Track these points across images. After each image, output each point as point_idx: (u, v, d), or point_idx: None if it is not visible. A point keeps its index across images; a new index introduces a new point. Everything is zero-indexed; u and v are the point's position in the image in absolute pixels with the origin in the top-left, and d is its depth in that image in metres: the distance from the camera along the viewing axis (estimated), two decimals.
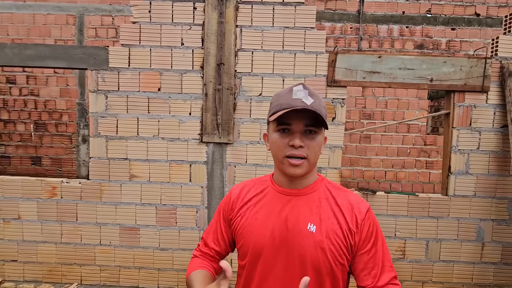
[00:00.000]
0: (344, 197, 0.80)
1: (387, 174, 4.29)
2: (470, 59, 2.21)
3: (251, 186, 0.86)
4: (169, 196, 2.31)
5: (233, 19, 2.20)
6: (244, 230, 0.81)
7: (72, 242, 2.35)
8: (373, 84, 2.25)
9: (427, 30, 4.27)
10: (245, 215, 0.82)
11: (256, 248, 0.78)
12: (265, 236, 0.78)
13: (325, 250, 0.75)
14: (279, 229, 0.77)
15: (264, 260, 0.78)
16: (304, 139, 0.75)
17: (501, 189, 2.27)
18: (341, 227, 0.76)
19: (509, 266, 2.32)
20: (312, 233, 0.75)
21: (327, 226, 0.76)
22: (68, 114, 4.34)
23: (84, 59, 2.24)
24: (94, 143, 2.30)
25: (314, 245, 0.75)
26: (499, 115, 2.25)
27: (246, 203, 0.83)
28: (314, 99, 0.75)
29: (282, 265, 0.76)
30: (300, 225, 0.76)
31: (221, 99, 2.23)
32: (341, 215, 0.78)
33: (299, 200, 0.79)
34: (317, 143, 0.77)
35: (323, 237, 0.75)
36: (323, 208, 0.78)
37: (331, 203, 0.79)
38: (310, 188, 0.81)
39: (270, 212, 0.79)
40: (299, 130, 0.75)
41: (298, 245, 0.75)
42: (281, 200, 0.80)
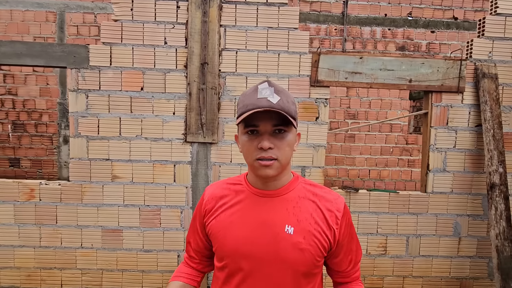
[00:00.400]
0: (321, 195, 0.79)
1: (371, 172, 4.39)
2: (447, 60, 2.30)
3: (224, 187, 0.83)
4: (153, 196, 2.29)
5: (217, 19, 2.20)
6: (219, 233, 0.79)
7: (51, 246, 2.28)
8: (355, 84, 2.30)
9: (408, 33, 4.40)
10: (219, 217, 0.79)
11: (233, 252, 0.76)
12: (241, 239, 0.76)
13: (303, 251, 0.73)
14: (256, 232, 0.75)
15: (240, 264, 0.76)
16: (273, 139, 0.72)
17: (476, 186, 2.37)
18: (320, 226, 0.76)
19: (484, 259, 2.43)
20: (290, 235, 0.73)
21: (305, 227, 0.75)
22: (48, 114, 4.20)
23: (63, 57, 2.18)
24: (75, 144, 2.24)
25: (292, 247, 0.73)
26: (474, 114, 2.35)
27: (219, 204, 0.81)
28: (280, 96, 0.72)
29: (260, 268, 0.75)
30: (277, 227, 0.74)
31: (205, 98, 2.22)
32: (319, 214, 0.76)
33: (275, 201, 0.77)
34: (287, 142, 0.74)
35: (301, 238, 0.74)
36: (300, 208, 0.76)
37: (308, 203, 0.77)
38: (285, 188, 0.78)
39: (246, 214, 0.77)
40: (267, 130, 0.72)
41: (276, 248, 0.74)
42: (257, 202, 0.77)
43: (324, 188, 0.82)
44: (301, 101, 2.29)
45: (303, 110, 2.30)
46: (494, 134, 2.22)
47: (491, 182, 2.20)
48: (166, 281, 2.34)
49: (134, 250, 2.31)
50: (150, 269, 2.32)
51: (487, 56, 2.32)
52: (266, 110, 0.70)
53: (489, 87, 2.26)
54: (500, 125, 2.24)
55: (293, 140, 0.76)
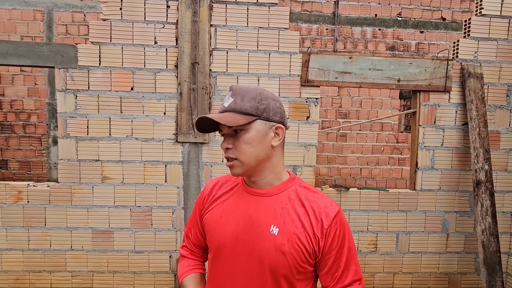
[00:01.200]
0: (313, 200, 0.76)
1: (363, 171, 4.44)
2: (434, 60, 2.34)
3: (224, 183, 0.86)
4: (144, 197, 2.27)
5: (207, 18, 2.20)
6: (210, 226, 0.82)
7: (40, 248, 2.25)
8: (344, 84, 2.33)
9: (398, 33, 4.47)
10: (213, 211, 0.83)
11: (219, 245, 0.79)
12: (227, 233, 0.78)
13: (285, 254, 0.72)
14: (241, 228, 0.76)
15: (225, 258, 0.77)
16: (232, 140, 0.75)
17: (463, 183, 2.43)
18: (306, 231, 0.73)
19: (471, 254, 2.48)
20: (274, 236, 0.73)
21: (290, 230, 0.73)
22: (37, 115, 4.12)
23: (51, 57, 2.15)
24: (63, 145, 2.21)
25: (274, 248, 0.72)
26: (460, 113, 2.40)
27: (215, 199, 0.84)
28: (234, 98, 0.75)
29: (241, 265, 0.75)
30: (262, 226, 0.75)
31: (196, 98, 2.22)
32: (306, 219, 0.74)
33: (265, 200, 0.77)
34: (243, 141, 0.74)
35: (285, 240, 0.72)
36: (288, 210, 0.75)
37: (298, 206, 0.75)
38: (277, 189, 0.78)
39: (235, 210, 0.79)
40: (228, 132, 0.76)
41: (258, 246, 0.74)
42: (247, 200, 0.78)
43: (317, 193, 0.79)
44: (292, 101, 2.30)
45: (294, 109, 2.31)
46: (479, 132, 2.27)
47: (477, 179, 2.25)
48: (158, 282, 2.33)
49: (125, 252, 2.29)
50: (142, 270, 2.31)
51: (472, 56, 2.37)
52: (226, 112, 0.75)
53: (474, 87, 2.32)
54: (486, 124, 2.29)
55: (255, 136, 0.74)
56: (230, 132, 0.75)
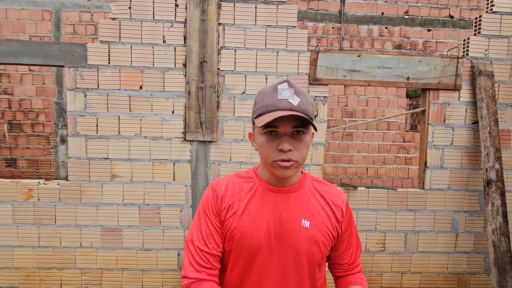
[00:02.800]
0: (327, 190, 0.84)
1: (369, 170, 4.42)
2: (444, 58, 2.32)
3: (236, 184, 0.82)
4: (153, 195, 2.28)
5: (216, 17, 2.20)
6: (238, 231, 0.77)
7: (50, 246, 2.27)
8: (353, 82, 2.31)
9: (405, 31, 4.43)
10: (237, 215, 0.78)
11: (252, 248, 0.77)
12: (260, 234, 0.77)
13: (318, 243, 0.78)
14: (274, 227, 0.77)
15: (261, 259, 0.77)
16: (292, 141, 0.72)
17: (473, 182, 2.40)
18: (330, 220, 0.81)
19: (481, 254, 2.46)
20: (307, 228, 0.77)
21: (319, 220, 0.79)
22: (45, 114, 4.17)
23: (60, 56, 2.17)
24: (73, 143, 2.23)
25: (309, 239, 0.77)
26: (471, 112, 2.37)
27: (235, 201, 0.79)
28: (300, 98, 0.72)
29: (278, 262, 0.77)
30: (294, 221, 0.77)
31: (204, 97, 2.22)
32: (328, 208, 0.81)
33: (290, 197, 0.79)
34: (305, 144, 0.74)
35: (317, 231, 0.78)
36: (312, 203, 0.80)
37: (318, 197, 0.82)
38: (298, 185, 0.81)
39: (263, 210, 0.78)
40: (287, 132, 0.72)
41: (294, 241, 0.77)
42: (273, 198, 0.79)
43: (328, 184, 0.87)
44: None
45: None
46: (490, 131, 2.25)
47: (487, 179, 2.23)
48: (166, 280, 2.34)
49: (134, 249, 2.30)
50: (150, 268, 2.32)
51: (483, 54, 2.34)
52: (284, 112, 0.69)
53: (485, 85, 2.29)
54: (496, 122, 2.26)
55: (310, 140, 0.76)
56: (290, 132, 0.72)
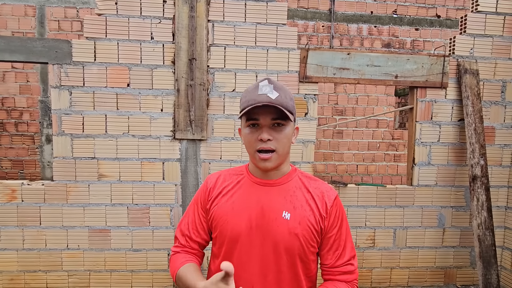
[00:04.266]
0: (315, 186, 0.86)
1: (359, 167, 4.47)
2: (431, 57, 2.36)
3: (227, 176, 0.89)
4: (141, 195, 2.25)
5: (205, 14, 2.17)
6: (221, 219, 0.83)
7: (35, 248, 2.21)
8: (343, 80, 2.33)
9: (394, 30, 4.49)
10: (221, 204, 0.84)
11: (233, 236, 0.81)
12: (241, 224, 0.81)
13: (298, 236, 0.80)
14: (255, 217, 0.81)
15: (241, 247, 0.81)
16: (272, 132, 0.79)
17: (459, 178, 2.46)
18: (314, 214, 0.82)
19: (467, 248, 2.52)
20: (287, 220, 0.80)
21: (301, 213, 0.81)
22: (29, 113, 4.04)
23: (44, 53, 2.10)
24: (58, 142, 2.17)
25: (288, 231, 0.80)
26: (457, 109, 2.42)
27: (221, 192, 0.86)
28: (279, 93, 0.78)
29: (258, 251, 0.81)
30: (275, 213, 0.81)
31: (193, 95, 2.19)
32: (313, 203, 0.83)
33: (274, 190, 0.84)
34: (285, 135, 0.80)
35: (297, 223, 0.80)
36: (296, 196, 0.83)
37: (304, 192, 0.85)
38: (284, 179, 0.85)
39: (246, 201, 0.83)
40: (267, 124, 0.78)
41: (274, 232, 0.80)
42: (257, 190, 0.84)
43: (318, 181, 0.89)
44: None
45: None
46: (475, 128, 2.30)
47: (473, 174, 2.28)
48: (156, 280, 2.31)
49: (123, 250, 2.26)
50: (140, 269, 2.29)
51: (468, 53, 2.39)
52: (266, 105, 0.76)
53: (470, 83, 2.34)
54: (481, 119, 2.32)
55: (290, 133, 0.82)
56: (269, 124, 0.78)
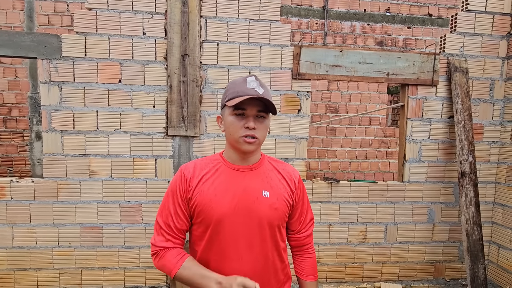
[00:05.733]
0: (282, 168, 1.01)
1: (352, 164, 4.51)
2: (422, 55, 2.38)
3: (203, 165, 0.96)
4: (134, 192, 2.23)
5: (197, 9, 2.15)
6: (205, 205, 0.90)
7: (25, 246, 2.18)
8: (335, 77, 2.34)
9: (386, 28, 4.52)
10: (203, 192, 0.91)
11: (219, 219, 0.90)
12: (225, 207, 0.90)
13: (277, 209, 0.94)
14: (239, 199, 0.91)
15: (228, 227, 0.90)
16: (256, 122, 0.89)
17: (448, 174, 2.50)
18: (286, 190, 0.98)
19: (455, 243, 2.58)
20: (267, 198, 0.93)
21: (277, 191, 0.95)
22: (18, 109, 3.96)
23: (33, 47, 2.06)
24: (48, 139, 2.13)
25: (269, 207, 0.93)
26: (447, 106, 2.46)
27: (201, 180, 0.93)
28: (264, 90, 0.89)
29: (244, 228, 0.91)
30: (256, 192, 0.93)
31: (186, 91, 2.18)
32: (284, 181, 0.98)
33: (251, 173, 0.95)
34: (265, 126, 0.92)
35: (275, 199, 0.94)
36: (271, 177, 0.97)
37: (275, 173, 0.99)
38: (258, 164, 0.97)
39: (228, 186, 0.92)
40: (252, 114, 0.89)
41: (257, 208, 0.92)
42: (237, 176, 0.94)
43: (283, 163, 1.04)
44: (283, 94, 2.30)
45: (285, 102, 2.31)
46: (464, 125, 2.34)
47: (461, 171, 2.33)
48: (149, 277, 2.31)
49: (115, 247, 2.25)
50: (132, 266, 2.28)
51: (458, 51, 2.43)
52: (254, 98, 0.87)
53: (460, 81, 2.38)
54: (470, 117, 2.36)
55: (268, 125, 0.94)
56: (254, 115, 0.89)
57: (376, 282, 2.52)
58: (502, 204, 2.51)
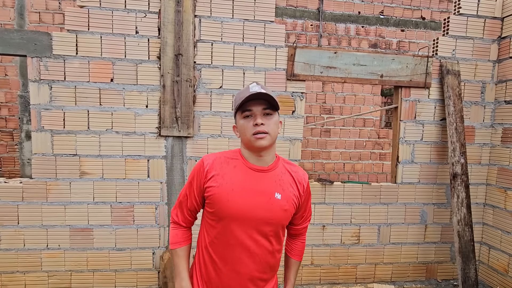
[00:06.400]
0: (295, 170, 1.09)
1: (346, 166, 4.53)
2: (415, 57, 2.40)
3: (223, 159, 1.04)
4: (125, 193, 2.20)
5: (191, 9, 2.14)
6: (221, 197, 0.98)
7: (13, 248, 2.13)
8: (329, 78, 2.34)
9: (380, 31, 4.56)
10: (221, 184, 0.99)
11: (233, 213, 0.98)
12: (241, 203, 0.99)
13: (287, 211, 1.03)
14: (253, 198, 1.00)
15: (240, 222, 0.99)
16: (264, 119, 0.98)
17: (441, 176, 2.53)
18: (295, 193, 1.06)
19: (447, 244, 2.60)
20: (279, 200, 1.01)
21: (287, 194, 1.04)
22: (8, 108, 3.88)
23: (22, 45, 2.02)
24: (37, 138, 2.09)
25: (280, 208, 1.01)
26: (439, 109, 2.49)
27: (219, 173, 1.01)
28: (266, 90, 0.99)
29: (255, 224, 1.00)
30: (269, 194, 1.01)
31: (180, 91, 2.16)
32: (294, 184, 1.07)
33: (266, 175, 1.03)
34: (274, 121, 1.00)
35: (285, 201, 1.03)
36: (283, 180, 1.05)
37: (288, 176, 1.06)
38: (272, 166, 1.05)
39: (245, 184, 1.00)
40: (259, 112, 0.98)
41: (269, 209, 1.00)
42: (253, 175, 1.02)
43: (295, 166, 1.12)
44: (278, 95, 2.29)
45: (279, 103, 2.30)
46: (456, 127, 2.37)
47: (453, 172, 2.35)
48: (140, 279, 2.27)
49: (106, 249, 2.21)
50: (124, 268, 2.24)
51: (451, 54, 2.46)
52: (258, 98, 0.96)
53: (452, 83, 2.41)
54: (462, 119, 2.39)
55: (278, 120, 1.02)
56: (261, 112, 0.97)
57: (369, 283, 2.53)
58: (493, 205, 2.54)
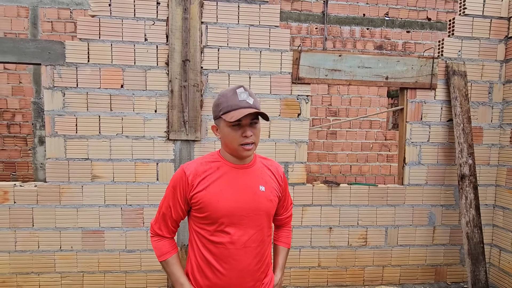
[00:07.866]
0: (270, 164, 1.16)
1: (352, 168, 4.52)
2: (420, 58, 2.41)
3: (204, 164, 1.06)
4: (135, 196, 2.25)
5: (198, 16, 2.19)
6: (211, 200, 1.01)
7: (28, 250, 2.20)
8: (334, 81, 2.36)
9: (386, 32, 4.56)
10: (209, 189, 1.02)
11: (226, 212, 1.01)
12: (231, 199, 1.02)
13: (272, 201, 1.10)
14: (241, 193, 1.04)
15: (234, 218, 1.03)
16: (251, 129, 1.01)
17: (448, 177, 2.51)
18: (275, 184, 1.13)
19: (456, 246, 2.57)
20: (263, 192, 1.07)
21: (270, 185, 1.10)
22: (22, 114, 4.01)
23: (37, 54, 2.10)
24: (51, 143, 2.16)
25: (266, 199, 1.07)
26: (446, 110, 2.48)
27: (205, 178, 1.03)
28: (254, 98, 1.01)
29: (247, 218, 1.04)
30: (254, 187, 1.07)
31: (187, 96, 2.21)
32: (273, 176, 1.14)
33: (249, 171, 1.08)
34: (259, 130, 1.05)
35: (269, 192, 1.09)
36: (264, 174, 1.11)
37: (266, 170, 1.13)
38: (253, 163, 1.11)
39: (231, 183, 1.04)
40: (247, 123, 1.00)
41: (257, 201, 1.06)
42: (237, 173, 1.06)
43: (269, 159, 1.19)
44: (283, 98, 2.33)
45: (285, 107, 2.34)
46: (463, 128, 2.36)
47: (461, 173, 2.33)
48: (150, 281, 2.31)
49: (117, 251, 2.26)
50: (134, 269, 2.29)
51: (456, 55, 2.45)
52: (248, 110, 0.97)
53: (458, 84, 2.40)
54: (469, 120, 2.38)
55: (260, 127, 1.07)
56: (248, 123, 1.00)
57: (377, 286, 2.52)
58: (503, 207, 2.51)
